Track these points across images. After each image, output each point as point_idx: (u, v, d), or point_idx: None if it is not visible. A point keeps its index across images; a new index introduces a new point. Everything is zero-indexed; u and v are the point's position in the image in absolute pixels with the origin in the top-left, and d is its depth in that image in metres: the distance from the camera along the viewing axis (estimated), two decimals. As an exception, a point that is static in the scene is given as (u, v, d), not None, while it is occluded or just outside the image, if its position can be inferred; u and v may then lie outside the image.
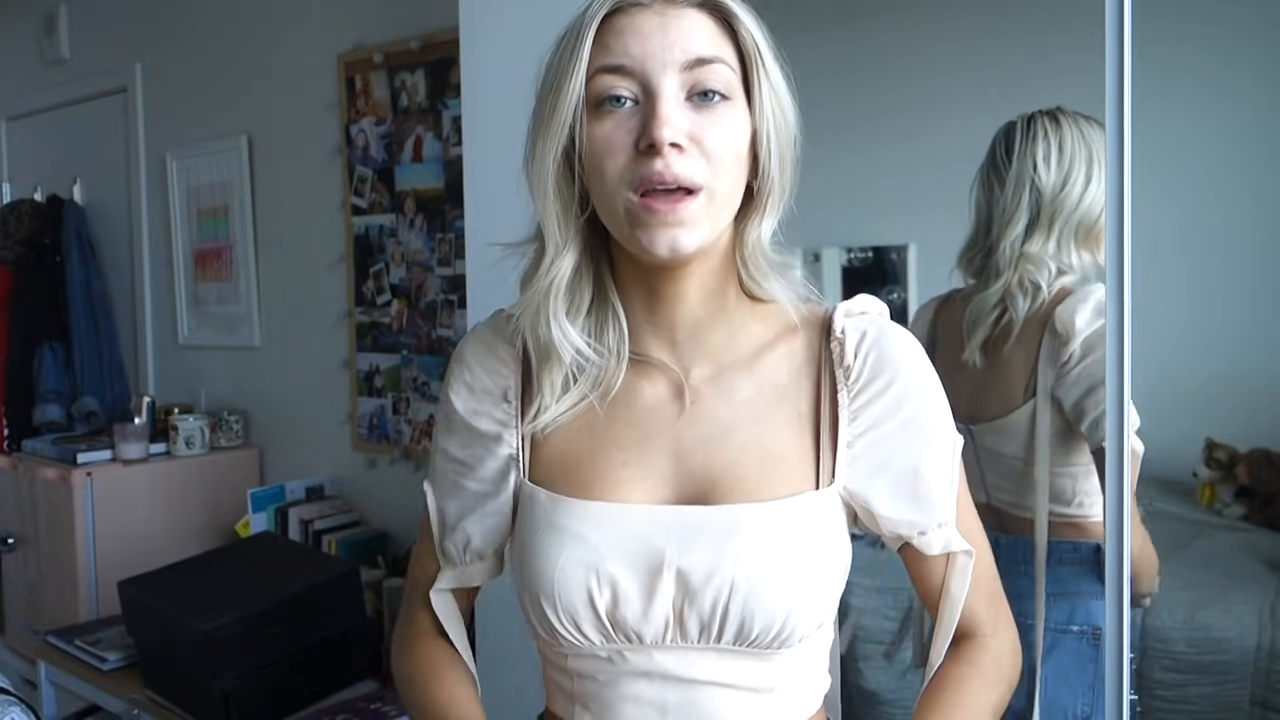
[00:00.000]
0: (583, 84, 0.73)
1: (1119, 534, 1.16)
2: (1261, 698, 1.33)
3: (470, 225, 1.59)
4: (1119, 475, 1.16)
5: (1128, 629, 1.16)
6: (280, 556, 2.11)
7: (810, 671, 0.80)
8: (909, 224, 1.75)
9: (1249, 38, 1.50)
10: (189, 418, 2.70)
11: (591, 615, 0.74)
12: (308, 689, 1.88)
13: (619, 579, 0.74)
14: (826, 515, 0.77)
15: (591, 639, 0.75)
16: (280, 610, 1.84)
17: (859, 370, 0.79)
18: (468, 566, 0.86)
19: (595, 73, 0.73)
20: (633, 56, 0.72)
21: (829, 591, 0.77)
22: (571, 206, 0.77)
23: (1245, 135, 1.51)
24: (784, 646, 0.74)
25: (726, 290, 0.80)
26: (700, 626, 0.74)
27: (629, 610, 0.74)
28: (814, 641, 0.79)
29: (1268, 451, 1.49)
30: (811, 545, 0.75)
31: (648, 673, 0.76)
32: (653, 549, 0.74)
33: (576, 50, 0.73)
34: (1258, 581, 1.42)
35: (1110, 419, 1.15)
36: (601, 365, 0.79)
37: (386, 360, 2.39)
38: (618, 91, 0.72)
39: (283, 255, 2.68)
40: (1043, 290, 1.31)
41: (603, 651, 0.76)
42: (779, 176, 0.76)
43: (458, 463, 0.85)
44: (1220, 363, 1.54)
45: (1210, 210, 1.54)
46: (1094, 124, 1.34)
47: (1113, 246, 1.15)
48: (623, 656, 0.76)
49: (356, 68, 2.39)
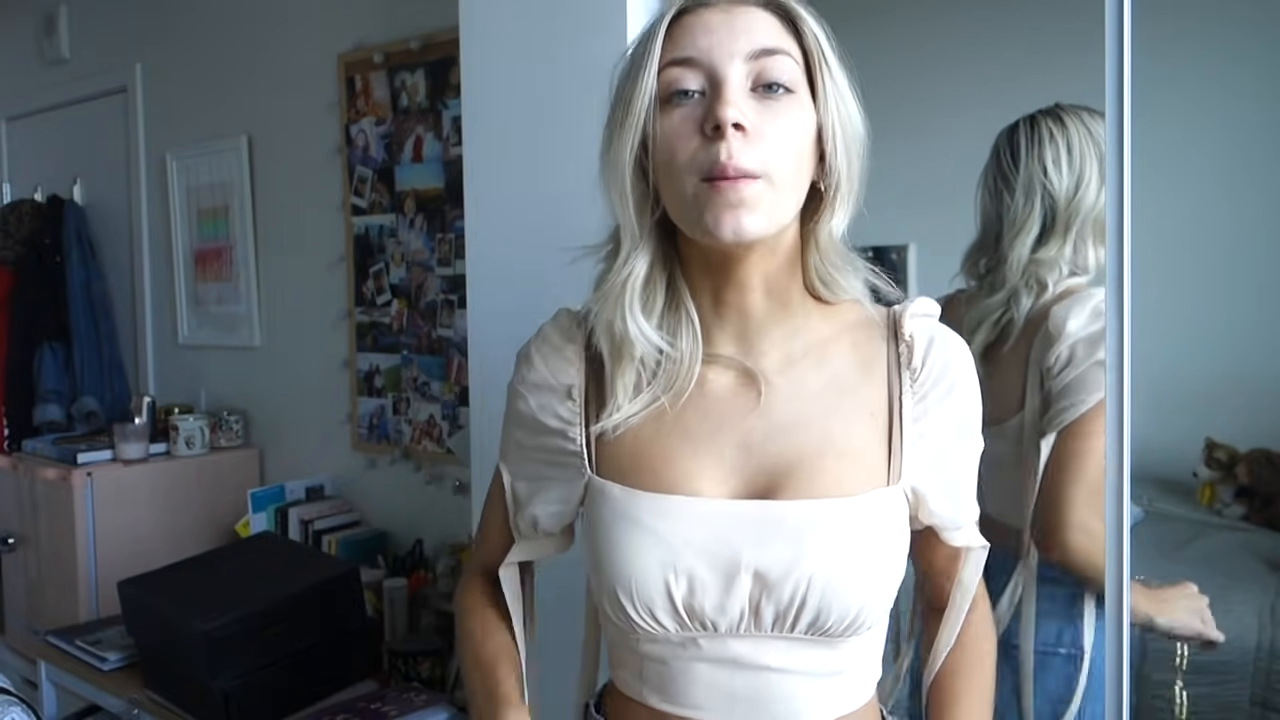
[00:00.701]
0: (654, 79, 0.76)
1: (1119, 534, 1.16)
2: (1261, 698, 1.33)
3: (470, 225, 1.59)
4: (1119, 475, 1.16)
5: (1128, 633, 1.16)
6: (280, 556, 2.11)
7: (872, 656, 0.84)
8: (909, 224, 1.75)
9: (1250, 34, 1.50)
10: (189, 418, 2.70)
11: (668, 605, 0.76)
12: (308, 689, 1.88)
13: (696, 573, 0.75)
14: (896, 510, 0.80)
15: (666, 627, 0.77)
16: (280, 610, 1.84)
17: (927, 373, 0.82)
18: (538, 541, 0.92)
19: (664, 67, 0.76)
20: (699, 49, 0.75)
21: (898, 581, 0.80)
22: (646, 204, 0.79)
23: (1249, 132, 1.51)
24: (855, 635, 0.77)
25: (790, 288, 0.82)
26: (775, 617, 0.76)
27: (706, 602, 0.76)
28: (879, 627, 0.83)
29: (1268, 451, 1.49)
30: (885, 540, 0.78)
31: (719, 659, 0.78)
32: (730, 546, 0.76)
33: (648, 48, 0.76)
34: (1258, 581, 1.42)
35: (1110, 419, 1.15)
36: (675, 368, 0.80)
37: (386, 360, 2.39)
38: (685, 85, 0.75)
39: (283, 255, 2.68)
40: (1048, 289, 1.29)
41: (676, 638, 0.78)
42: (845, 172, 0.78)
43: (525, 449, 0.89)
44: (1221, 362, 1.53)
45: (1212, 208, 1.54)
46: (1097, 117, 1.30)
47: (1113, 246, 1.14)
48: (696, 643, 0.78)
49: (356, 68, 2.39)
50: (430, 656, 1.95)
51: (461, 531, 2.12)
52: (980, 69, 1.66)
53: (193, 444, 2.67)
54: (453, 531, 2.21)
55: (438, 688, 1.92)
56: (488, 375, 1.58)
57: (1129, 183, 1.14)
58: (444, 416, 2.28)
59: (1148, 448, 1.22)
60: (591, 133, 0.80)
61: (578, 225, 1.47)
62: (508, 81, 1.52)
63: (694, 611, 0.76)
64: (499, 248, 1.55)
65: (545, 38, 1.46)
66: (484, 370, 1.58)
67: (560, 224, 1.47)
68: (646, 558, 0.76)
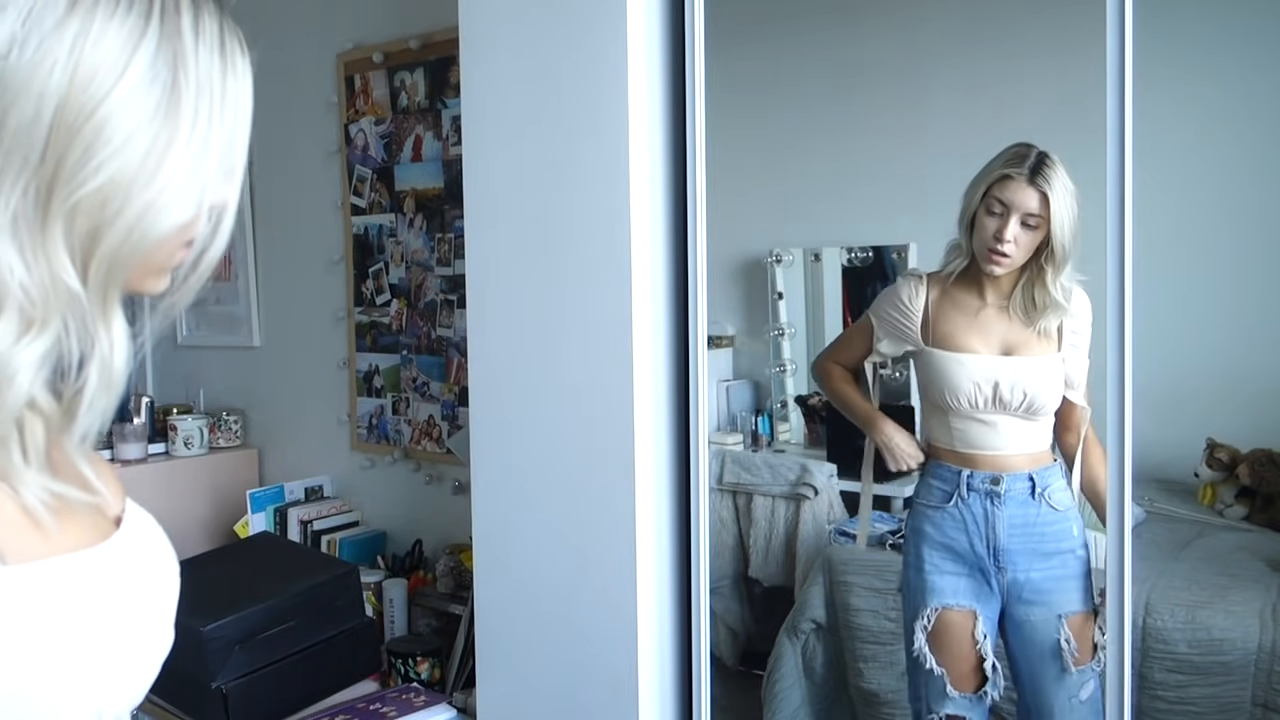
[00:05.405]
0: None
1: (1119, 534, 1.16)
2: (1263, 699, 1.33)
3: (470, 225, 1.58)
4: (1120, 475, 1.16)
5: (1128, 633, 1.16)
6: (280, 556, 2.10)
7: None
8: (909, 224, 1.75)
9: (1250, 34, 1.50)
10: (188, 418, 2.70)
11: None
12: (307, 689, 1.87)
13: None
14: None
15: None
16: (280, 610, 1.84)
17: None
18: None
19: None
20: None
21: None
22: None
23: (1250, 134, 1.51)
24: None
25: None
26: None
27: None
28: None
29: (1269, 452, 1.49)
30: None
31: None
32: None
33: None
34: (1259, 582, 1.42)
35: (1111, 419, 1.15)
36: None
37: (386, 360, 2.39)
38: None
39: (282, 255, 2.67)
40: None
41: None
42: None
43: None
44: (1222, 363, 1.53)
45: (1213, 209, 1.54)
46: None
47: (1113, 246, 1.14)
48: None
49: (356, 67, 2.39)
50: (430, 656, 1.95)
51: (461, 532, 2.12)
52: (980, 72, 1.67)
53: (191, 444, 2.67)
54: (452, 531, 2.21)
55: (438, 688, 1.92)
56: (487, 375, 1.58)
57: (1130, 182, 1.14)
58: (443, 417, 2.27)
59: (1148, 447, 1.22)
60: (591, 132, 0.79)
61: (577, 225, 1.47)
62: (507, 81, 1.51)
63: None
64: (499, 248, 1.55)
65: (545, 37, 1.46)
66: (484, 370, 1.58)
67: (560, 224, 1.47)
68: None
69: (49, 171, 0.54)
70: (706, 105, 1.42)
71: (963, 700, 1.48)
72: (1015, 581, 1.47)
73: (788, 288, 1.96)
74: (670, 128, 1.46)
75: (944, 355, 1.52)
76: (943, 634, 1.50)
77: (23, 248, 0.54)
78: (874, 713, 1.67)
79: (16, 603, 0.55)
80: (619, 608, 1.41)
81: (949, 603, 1.50)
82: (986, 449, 1.50)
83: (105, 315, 0.59)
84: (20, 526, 0.57)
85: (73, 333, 0.57)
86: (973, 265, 1.50)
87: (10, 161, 0.53)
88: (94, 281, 0.58)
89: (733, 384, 2.04)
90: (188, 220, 0.61)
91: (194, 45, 0.59)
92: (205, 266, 0.65)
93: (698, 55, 1.42)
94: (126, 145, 0.56)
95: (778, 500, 1.91)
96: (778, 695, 1.75)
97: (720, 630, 1.92)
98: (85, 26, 0.54)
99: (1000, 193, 1.44)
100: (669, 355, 1.46)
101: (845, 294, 1.89)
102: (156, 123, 0.57)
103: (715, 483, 1.95)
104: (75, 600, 0.59)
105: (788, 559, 1.89)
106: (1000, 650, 1.50)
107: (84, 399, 0.59)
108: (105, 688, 0.62)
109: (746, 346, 2.03)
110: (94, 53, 0.54)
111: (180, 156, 0.58)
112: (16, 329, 0.54)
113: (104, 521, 0.67)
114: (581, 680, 1.47)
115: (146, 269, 0.62)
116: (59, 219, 0.55)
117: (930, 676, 1.49)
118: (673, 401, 1.47)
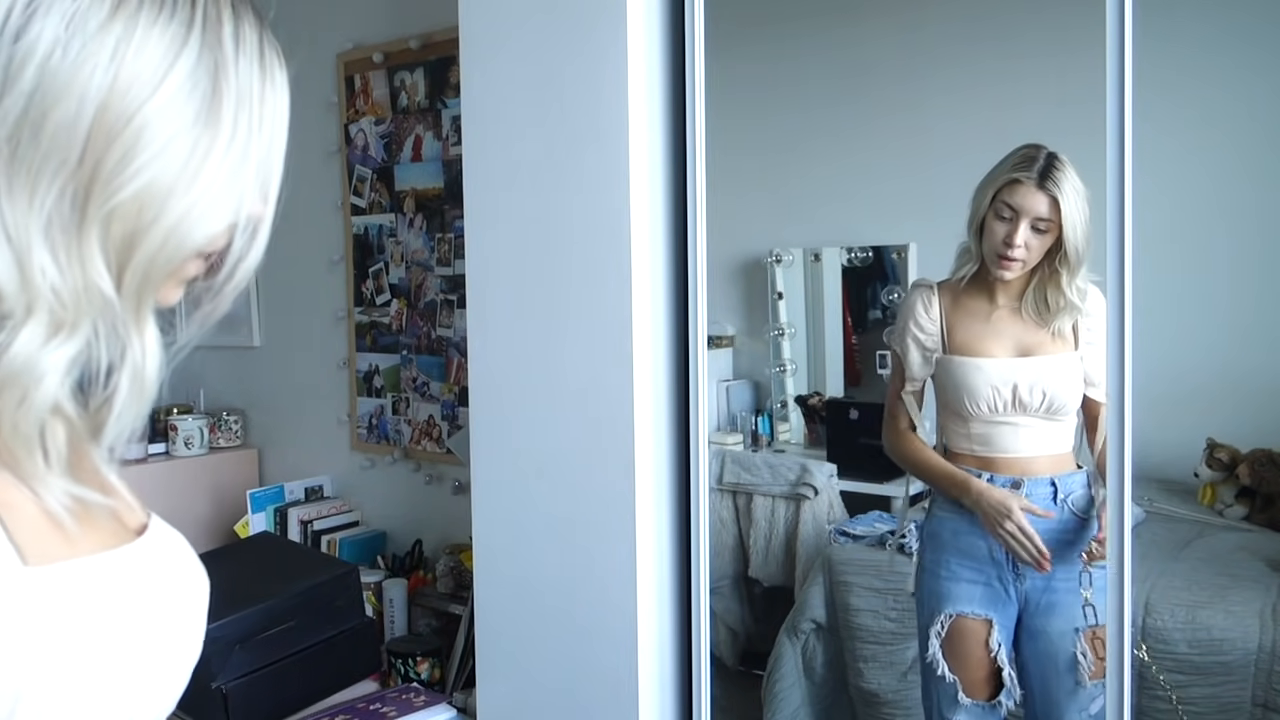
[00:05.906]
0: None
1: (1120, 534, 1.16)
2: (1263, 699, 1.33)
3: (470, 225, 1.59)
4: (1120, 475, 1.16)
5: (1128, 633, 1.16)
6: (280, 556, 2.10)
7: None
8: (909, 224, 1.75)
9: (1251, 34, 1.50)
10: (188, 418, 2.69)
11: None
12: (307, 689, 1.87)
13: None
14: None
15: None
16: (280, 610, 1.83)
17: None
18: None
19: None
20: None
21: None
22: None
23: (1249, 135, 1.51)
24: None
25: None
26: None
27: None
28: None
29: (1269, 452, 1.49)
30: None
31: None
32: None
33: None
34: (1259, 582, 1.42)
35: (1111, 419, 1.15)
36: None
37: (386, 360, 2.39)
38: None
39: (282, 255, 2.65)
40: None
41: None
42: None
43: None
44: (1222, 363, 1.54)
45: (1212, 209, 1.54)
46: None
47: (1113, 246, 1.14)
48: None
49: (356, 67, 2.39)
50: (430, 656, 1.95)
51: (461, 532, 2.12)
52: (980, 72, 1.67)
53: (191, 444, 2.67)
54: (452, 532, 2.21)
55: (438, 688, 1.92)
56: (487, 375, 1.58)
57: (1130, 183, 1.14)
58: (443, 417, 2.27)
59: (1148, 447, 1.22)
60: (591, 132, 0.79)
61: (578, 225, 1.47)
62: (508, 81, 1.51)
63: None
64: (499, 248, 1.55)
65: (545, 38, 1.46)
66: (483, 370, 1.58)
67: (560, 224, 1.47)
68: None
69: (86, 174, 0.54)
70: (707, 106, 1.42)
71: (975, 708, 1.46)
72: (1034, 589, 1.44)
73: (788, 288, 1.97)
74: (670, 127, 1.46)
75: (961, 361, 1.50)
76: (957, 641, 1.48)
77: (56, 250, 0.54)
78: (874, 713, 1.67)
79: (39, 604, 0.55)
80: (619, 607, 1.41)
81: (964, 610, 1.48)
82: (1007, 452, 1.47)
83: (139, 322, 0.58)
84: (42, 529, 0.57)
85: (102, 339, 0.56)
86: (982, 269, 1.48)
87: (48, 163, 0.53)
88: (128, 288, 0.57)
89: (733, 384, 2.05)
90: (224, 229, 0.61)
91: (235, 55, 0.59)
92: (241, 276, 0.64)
93: (698, 56, 1.42)
94: (165, 152, 0.55)
95: (778, 500, 1.91)
96: (778, 695, 1.75)
97: (720, 630, 1.93)
98: (128, 32, 0.54)
99: (1009, 197, 1.41)
100: (669, 355, 1.46)
101: (845, 294, 1.89)
102: (195, 131, 0.57)
103: (715, 483, 1.95)
104: (97, 602, 0.59)
105: (788, 559, 1.89)
106: (1012, 658, 1.48)
107: (114, 408, 0.58)
108: (131, 695, 0.61)
109: (746, 346, 2.04)
110: (136, 59, 0.54)
111: (219, 165, 0.58)
112: (46, 331, 0.54)
113: (124, 530, 0.66)
114: (581, 680, 1.47)
115: (174, 278, 0.62)
116: (95, 223, 0.55)
117: (943, 683, 1.48)
118: (673, 401, 1.47)
